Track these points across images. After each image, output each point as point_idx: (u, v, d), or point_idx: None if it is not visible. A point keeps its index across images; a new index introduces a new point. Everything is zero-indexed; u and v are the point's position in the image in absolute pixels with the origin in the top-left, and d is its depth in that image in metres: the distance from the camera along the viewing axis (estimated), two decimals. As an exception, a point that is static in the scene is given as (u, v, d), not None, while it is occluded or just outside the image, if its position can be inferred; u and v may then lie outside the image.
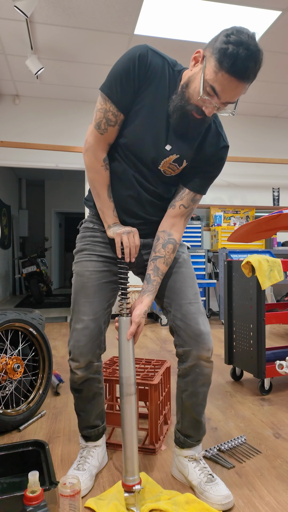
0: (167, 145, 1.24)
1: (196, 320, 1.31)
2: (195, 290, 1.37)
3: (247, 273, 2.22)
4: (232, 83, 1.06)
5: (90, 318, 1.34)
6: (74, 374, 1.39)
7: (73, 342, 1.35)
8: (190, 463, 1.39)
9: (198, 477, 1.34)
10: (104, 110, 1.19)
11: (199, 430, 1.40)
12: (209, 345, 1.32)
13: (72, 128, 5.07)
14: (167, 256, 1.32)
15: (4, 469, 1.42)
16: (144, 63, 1.14)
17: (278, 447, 1.68)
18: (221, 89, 1.07)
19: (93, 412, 1.44)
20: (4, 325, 1.84)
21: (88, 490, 1.35)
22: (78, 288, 1.36)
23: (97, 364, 1.39)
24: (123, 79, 1.15)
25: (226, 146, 1.31)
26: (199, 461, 1.39)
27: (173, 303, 1.35)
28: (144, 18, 3.37)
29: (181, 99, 1.15)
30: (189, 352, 1.31)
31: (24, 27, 3.48)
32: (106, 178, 1.28)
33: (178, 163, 1.27)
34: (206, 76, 1.08)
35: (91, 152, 1.24)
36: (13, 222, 8.36)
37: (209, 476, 1.34)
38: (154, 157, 1.25)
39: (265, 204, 5.67)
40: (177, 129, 1.22)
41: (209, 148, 1.28)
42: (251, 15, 3.34)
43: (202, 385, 1.35)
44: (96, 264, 1.36)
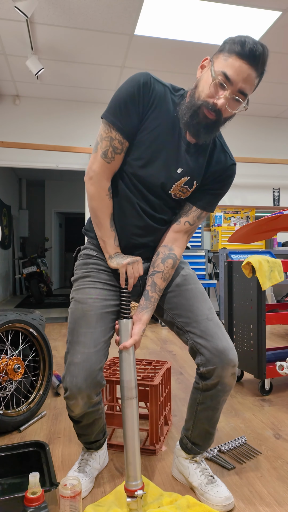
0: (178, 169, 1.22)
1: (217, 336, 1.24)
2: (209, 305, 1.31)
3: (248, 274, 2.22)
4: (243, 66, 1.06)
5: (91, 350, 1.21)
6: (71, 412, 1.28)
7: (69, 378, 1.20)
8: (191, 464, 1.38)
9: (198, 479, 1.34)
10: (109, 139, 1.17)
11: (209, 441, 1.38)
12: (235, 361, 1.24)
13: (73, 129, 5.07)
14: (166, 271, 1.29)
15: (5, 470, 1.42)
16: (147, 89, 1.14)
17: (279, 448, 1.67)
18: (233, 72, 1.06)
19: (93, 433, 1.39)
20: (5, 326, 1.84)
21: (88, 492, 1.35)
22: (78, 316, 1.26)
23: (96, 399, 1.27)
24: (128, 105, 1.13)
25: (234, 164, 1.30)
26: (200, 462, 1.39)
27: (189, 322, 1.28)
28: (144, 19, 3.37)
29: (190, 98, 1.14)
30: (213, 370, 1.23)
31: (24, 28, 3.48)
32: (110, 207, 1.25)
33: (189, 185, 1.26)
34: (216, 67, 1.09)
35: (96, 181, 1.21)
36: (13, 222, 8.36)
37: (210, 477, 1.33)
38: (164, 182, 1.22)
39: (265, 205, 5.67)
40: (191, 146, 1.20)
41: (216, 166, 1.27)
42: (251, 15, 3.34)
43: (222, 402, 1.30)
44: (102, 292, 1.28)
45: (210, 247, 5.47)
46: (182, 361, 3.01)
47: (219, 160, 1.28)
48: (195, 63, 4.15)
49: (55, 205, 9.58)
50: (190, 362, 2.99)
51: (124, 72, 4.33)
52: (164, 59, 4.08)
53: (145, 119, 1.17)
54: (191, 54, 3.96)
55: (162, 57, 4.03)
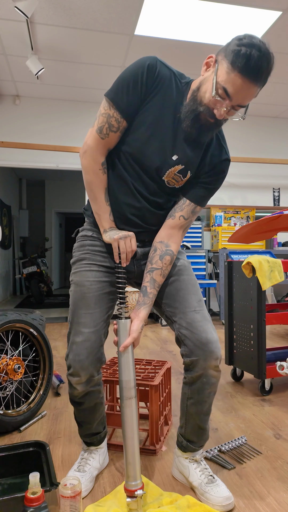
0: (174, 155, 1.23)
1: (202, 328, 1.27)
2: (198, 297, 1.34)
3: (248, 274, 2.22)
4: (245, 84, 1.07)
5: (91, 330, 1.29)
6: (74, 389, 1.34)
7: (72, 356, 1.29)
8: (191, 464, 1.39)
9: (198, 478, 1.34)
10: (107, 115, 1.19)
11: (202, 436, 1.39)
12: (217, 353, 1.27)
13: (73, 129, 5.07)
14: (164, 267, 1.31)
15: (5, 470, 1.42)
16: (152, 72, 1.16)
17: (279, 448, 1.67)
18: (233, 91, 1.08)
19: (94, 421, 1.43)
20: (5, 326, 1.84)
21: (88, 491, 1.35)
22: (77, 299, 1.32)
23: (97, 377, 1.35)
24: (130, 86, 1.15)
25: (228, 160, 1.32)
26: (200, 462, 1.39)
27: (177, 312, 1.31)
28: (144, 19, 3.37)
29: (193, 103, 1.16)
30: (196, 361, 1.27)
31: (24, 28, 3.48)
32: (103, 181, 1.27)
33: (182, 174, 1.27)
34: (218, 78, 1.09)
35: (90, 154, 1.24)
36: (14, 222, 8.36)
37: (210, 477, 1.34)
38: (159, 167, 1.24)
39: (265, 205, 5.67)
40: (189, 135, 1.22)
41: (211, 160, 1.29)
42: (252, 15, 3.34)
43: (209, 394, 1.33)
44: (97, 274, 1.33)
45: (210, 247, 5.47)
46: (182, 361, 3.00)
47: (214, 154, 1.29)
48: (195, 63, 4.15)
49: (55, 205, 9.58)
50: (190, 362, 2.99)
51: (124, 72, 4.33)
52: (164, 59, 4.08)
53: (147, 101, 1.18)
54: (191, 54, 3.96)
55: (162, 57, 4.03)
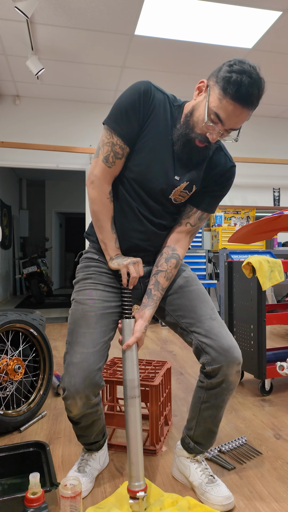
0: (175, 176, 1.26)
1: (221, 334, 1.27)
2: (211, 305, 1.35)
3: (248, 274, 2.22)
4: (237, 109, 1.09)
5: (90, 351, 1.21)
6: (69, 412, 1.26)
7: (67, 378, 1.20)
8: (192, 464, 1.39)
9: (199, 478, 1.34)
10: (111, 144, 1.21)
11: (212, 440, 1.38)
12: (240, 358, 1.27)
13: (73, 129, 5.07)
14: (169, 270, 1.32)
15: (5, 470, 1.42)
16: (148, 97, 1.18)
17: (279, 448, 1.67)
18: (225, 116, 1.11)
19: (92, 434, 1.39)
20: (5, 326, 1.84)
21: (88, 492, 1.35)
22: (78, 317, 1.27)
23: (94, 400, 1.25)
24: (129, 112, 1.17)
25: (233, 166, 1.34)
26: (201, 462, 1.39)
27: (193, 322, 1.30)
28: (144, 19, 3.37)
29: (185, 127, 1.18)
30: (219, 368, 1.25)
31: (24, 28, 3.48)
32: (111, 210, 1.28)
33: (188, 189, 1.29)
34: (210, 103, 1.11)
35: (97, 185, 1.24)
36: (14, 222, 8.36)
37: (210, 477, 1.34)
38: (164, 188, 1.26)
39: (265, 205, 5.67)
40: (181, 158, 1.24)
41: (216, 169, 1.31)
42: (252, 15, 3.34)
43: (226, 400, 1.31)
44: (102, 293, 1.30)
45: (210, 247, 5.47)
46: (183, 361, 3.01)
47: (219, 163, 1.31)
48: (195, 63, 4.15)
49: (55, 205, 9.58)
50: (190, 362, 2.99)
51: (124, 72, 4.33)
52: (164, 59, 4.08)
53: (145, 126, 1.21)
54: (191, 54, 3.96)
55: (162, 57, 4.03)
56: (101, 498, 1.34)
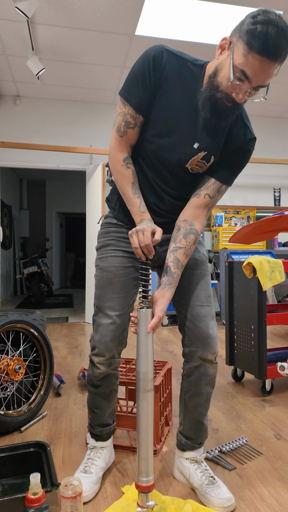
0: (195, 144, 1.21)
1: (205, 323, 1.33)
2: (208, 293, 1.37)
3: (248, 274, 2.21)
4: (264, 64, 1.01)
5: (117, 313, 1.35)
6: (96, 369, 1.38)
7: (98, 337, 1.35)
8: (191, 465, 1.39)
9: (199, 480, 1.34)
10: (123, 114, 1.21)
11: (201, 433, 1.40)
12: (215, 348, 1.33)
13: (73, 129, 5.07)
14: (188, 246, 1.27)
15: (6, 470, 1.42)
16: (158, 63, 1.14)
17: (280, 448, 1.67)
18: (252, 73, 1.03)
19: (107, 409, 1.44)
20: (6, 326, 1.84)
21: (95, 493, 1.34)
22: (104, 283, 1.36)
23: (118, 360, 1.40)
24: (139, 80, 1.15)
25: (254, 138, 1.28)
26: (201, 463, 1.39)
27: (184, 303, 1.36)
28: (145, 19, 3.37)
29: (210, 89, 1.13)
30: (194, 352, 1.33)
31: (25, 28, 3.48)
32: (128, 176, 1.25)
33: (206, 160, 1.25)
34: (235, 61, 1.04)
35: (112, 155, 1.26)
36: (14, 222, 8.36)
37: (211, 478, 1.34)
38: (180, 159, 1.23)
39: (266, 205, 5.66)
40: (209, 123, 1.19)
41: (235, 140, 1.26)
42: (252, 15, 3.33)
43: (206, 385, 1.36)
44: (122, 260, 1.36)
45: (211, 247, 5.47)
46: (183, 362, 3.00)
47: (239, 134, 1.26)
48: (195, 63, 4.15)
49: (55, 205, 9.58)
50: (191, 362, 2.99)
51: (124, 72, 4.33)
52: (165, 59, 4.08)
53: (159, 94, 1.17)
54: (192, 54, 3.96)
55: (163, 57, 4.03)
56: (101, 498, 1.34)
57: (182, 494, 1.36)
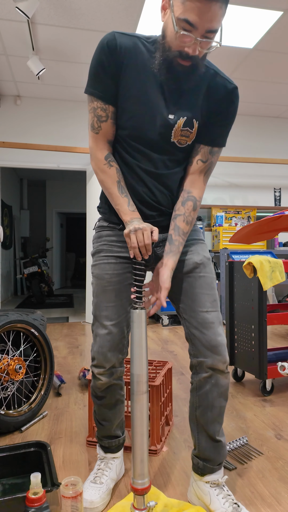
0: (169, 115, 1.17)
1: (213, 330, 1.23)
2: (213, 297, 1.27)
3: (249, 274, 2.21)
4: (204, 5, 0.97)
5: (113, 322, 1.29)
6: (97, 380, 1.33)
7: (97, 347, 1.31)
8: (212, 489, 1.25)
9: (222, 507, 1.21)
10: (93, 109, 1.18)
11: (219, 451, 1.26)
12: (225, 357, 1.23)
13: (74, 129, 5.07)
14: (187, 213, 1.23)
15: (6, 470, 1.42)
16: (113, 47, 1.12)
17: (280, 448, 1.67)
18: (195, 18, 0.99)
19: (114, 421, 1.39)
20: (6, 326, 1.84)
21: (105, 505, 1.29)
22: (98, 292, 1.31)
23: (120, 369, 1.35)
24: (98, 70, 1.13)
25: (235, 88, 1.20)
26: (222, 487, 1.26)
27: (188, 310, 1.26)
28: (145, 19, 3.37)
29: (162, 52, 1.09)
30: (203, 363, 1.23)
31: (25, 28, 3.48)
32: (112, 175, 1.21)
33: (189, 126, 1.19)
34: (175, 13, 1.01)
35: (92, 154, 1.23)
36: (15, 222, 8.36)
37: (235, 505, 1.21)
38: (162, 132, 1.17)
39: (266, 205, 5.66)
40: (171, 89, 1.15)
41: (215, 95, 1.19)
42: (252, 15, 3.33)
43: (219, 398, 1.24)
44: (115, 266, 1.30)
45: (211, 247, 5.47)
46: (183, 361, 3.00)
47: (217, 87, 1.20)
48: (196, 63, 4.14)
49: (56, 205, 9.59)
50: (191, 362, 2.99)
51: (125, 72, 4.34)
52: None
53: (121, 78, 1.15)
54: (192, 54, 3.96)
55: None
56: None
57: (183, 494, 1.36)
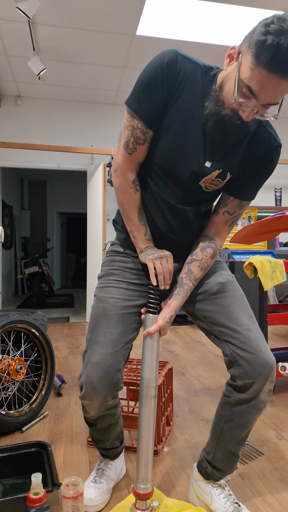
0: (206, 162, 1.10)
1: (259, 348, 1.14)
2: (249, 314, 1.20)
3: (250, 274, 2.21)
4: (272, 80, 0.89)
5: (109, 351, 1.16)
6: (86, 412, 1.23)
7: (85, 377, 1.16)
8: (214, 489, 1.26)
9: (223, 506, 1.22)
10: (132, 128, 1.08)
11: (233, 465, 1.25)
12: (273, 376, 1.15)
13: (74, 129, 5.07)
14: (204, 260, 1.19)
15: (7, 470, 1.43)
16: (173, 69, 1.02)
17: (281, 448, 1.67)
18: (259, 89, 0.92)
19: (109, 439, 1.34)
20: (7, 326, 1.84)
21: (104, 504, 1.30)
22: (98, 315, 1.20)
23: (112, 402, 1.22)
24: (151, 89, 1.03)
25: (279, 146, 1.14)
26: (224, 487, 1.27)
27: (227, 331, 1.17)
28: (146, 19, 3.37)
29: (215, 104, 1.02)
30: (251, 384, 1.14)
31: (26, 28, 3.48)
32: (136, 200, 1.16)
33: (221, 177, 1.14)
34: (241, 74, 0.93)
35: (120, 172, 1.14)
36: (15, 222, 8.37)
37: (236, 505, 1.22)
38: (193, 176, 1.12)
39: (267, 205, 5.66)
40: (214, 140, 1.08)
41: (257, 152, 1.13)
42: (253, 15, 3.33)
43: (252, 420, 1.19)
44: (125, 291, 1.22)
45: (211, 247, 5.47)
46: (184, 362, 3.00)
47: (260, 143, 1.13)
48: (196, 63, 4.15)
49: (56, 205, 9.59)
50: (192, 362, 2.99)
51: (125, 72, 4.33)
52: (166, 60, 4.08)
53: (171, 104, 1.05)
54: (193, 54, 3.96)
55: (164, 57, 4.03)
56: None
57: (183, 494, 1.36)
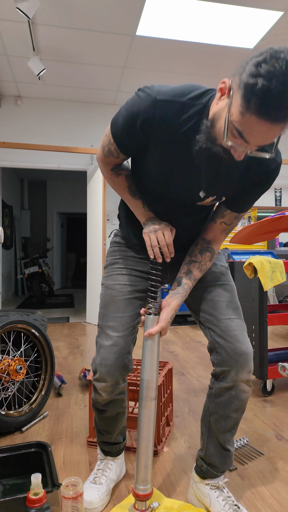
0: (200, 192, 1.13)
1: (237, 338, 1.20)
2: (235, 305, 1.26)
3: (249, 274, 2.21)
4: (263, 126, 0.84)
5: (120, 334, 1.25)
6: (98, 396, 1.29)
7: (99, 360, 1.25)
8: (212, 491, 1.27)
9: (222, 509, 1.23)
10: (108, 141, 1.13)
11: (226, 460, 1.27)
12: (250, 366, 1.20)
13: (74, 129, 5.07)
14: (203, 262, 1.23)
15: (7, 470, 1.43)
16: (149, 119, 1.00)
17: (281, 449, 1.67)
18: (249, 134, 0.87)
19: (115, 430, 1.38)
20: (7, 327, 1.84)
21: (104, 505, 1.30)
22: (107, 302, 1.30)
23: (122, 385, 1.30)
24: (125, 130, 1.06)
25: (278, 166, 1.12)
26: (222, 489, 1.28)
27: (211, 318, 1.24)
28: (146, 19, 3.37)
29: (206, 140, 0.98)
30: (227, 372, 1.19)
31: (26, 29, 3.48)
32: (121, 182, 1.22)
33: (217, 200, 1.17)
34: (231, 116, 0.88)
35: (99, 161, 1.21)
36: (15, 222, 8.37)
37: (235, 507, 1.23)
38: (187, 202, 1.17)
39: (267, 205, 5.66)
40: (208, 173, 1.08)
41: (256, 174, 1.12)
42: (253, 15, 3.33)
43: (236, 411, 1.23)
44: (129, 278, 1.31)
45: (211, 247, 5.47)
46: (184, 362, 3.01)
47: (260, 166, 1.11)
48: (196, 63, 4.15)
49: (56, 205, 9.59)
50: (191, 362, 2.99)
51: (125, 72, 4.33)
52: (166, 60, 4.08)
53: (151, 145, 1.06)
54: (193, 54, 3.96)
55: (164, 57, 4.03)
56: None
57: (183, 495, 1.36)
